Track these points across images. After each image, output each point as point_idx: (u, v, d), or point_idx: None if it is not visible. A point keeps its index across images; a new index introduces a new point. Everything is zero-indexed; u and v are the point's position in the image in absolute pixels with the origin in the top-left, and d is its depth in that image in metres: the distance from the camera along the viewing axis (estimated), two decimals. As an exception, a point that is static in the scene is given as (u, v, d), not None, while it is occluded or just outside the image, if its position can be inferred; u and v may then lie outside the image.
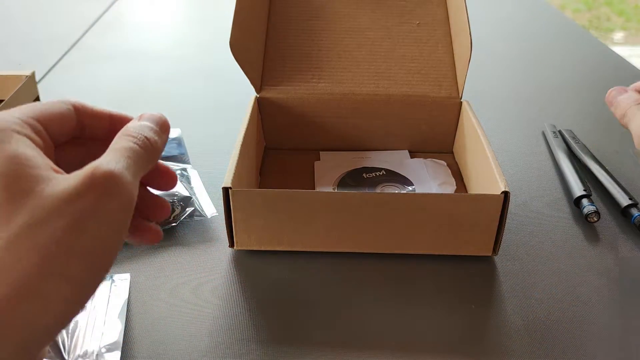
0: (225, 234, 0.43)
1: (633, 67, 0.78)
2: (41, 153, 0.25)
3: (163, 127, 0.30)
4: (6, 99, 0.57)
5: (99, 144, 0.29)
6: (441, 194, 0.42)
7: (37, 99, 0.63)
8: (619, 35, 3.06)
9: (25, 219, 0.22)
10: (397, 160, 0.54)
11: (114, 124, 0.31)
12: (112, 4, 0.99)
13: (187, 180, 0.50)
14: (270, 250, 0.43)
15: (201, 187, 0.50)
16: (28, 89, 0.61)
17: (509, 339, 0.37)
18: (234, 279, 0.42)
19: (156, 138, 0.29)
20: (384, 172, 0.52)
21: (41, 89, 0.65)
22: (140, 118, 0.30)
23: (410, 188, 0.50)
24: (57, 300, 0.22)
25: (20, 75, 0.61)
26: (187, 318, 0.38)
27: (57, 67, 0.77)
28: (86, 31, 0.88)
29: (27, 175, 0.23)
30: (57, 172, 0.24)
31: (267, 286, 0.42)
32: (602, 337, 0.38)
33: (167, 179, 0.32)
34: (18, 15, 0.95)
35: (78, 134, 0.29)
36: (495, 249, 0.43)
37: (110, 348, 0.35)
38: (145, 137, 0.28)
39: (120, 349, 0.35)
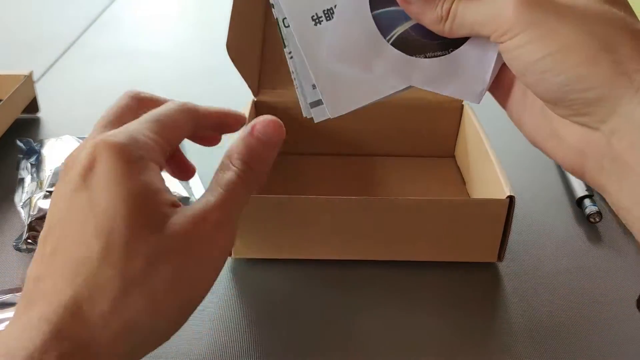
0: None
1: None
2: (164, 184, 0.26)
3: (274, 141, 0.28)
4: (4, 99, 0.57)
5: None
6: (444, 200, 0.41)
7: (35, 99, 0.63)
8: (616, 37, 3.06)
9: (143, 263, 0.23)
10: None
11: (224, 121, 0.31)
12: (111, 3, 0.98)
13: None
14: (266, 258, 0.43)
15: (200, 188, 0.49)
16: (25, 89, 0.61)
17: (514, 343, 0.37)
18: (230, 285, 0.42)
19: (262, 167, 0.28)
20: None
21: (39, 88, 0.64)
22: (252, 130, 0.28)
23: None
24: (155, 333, 0.24)
25: (18, 75, 0.60)
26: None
27: (54, 66, 0.76)
28: (84, 30, 0.87)
29: (153, 212, 0.25)
30: (174, 207, 0.25)
31: (265, 293, 0.41)
32: (608, 339, 0.38)
33: (188, 172, 0.33)
34: (16, 15, 0.95)
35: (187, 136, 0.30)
36: (500, 256, 0.42)
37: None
38: (250, 168, 0.27)
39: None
